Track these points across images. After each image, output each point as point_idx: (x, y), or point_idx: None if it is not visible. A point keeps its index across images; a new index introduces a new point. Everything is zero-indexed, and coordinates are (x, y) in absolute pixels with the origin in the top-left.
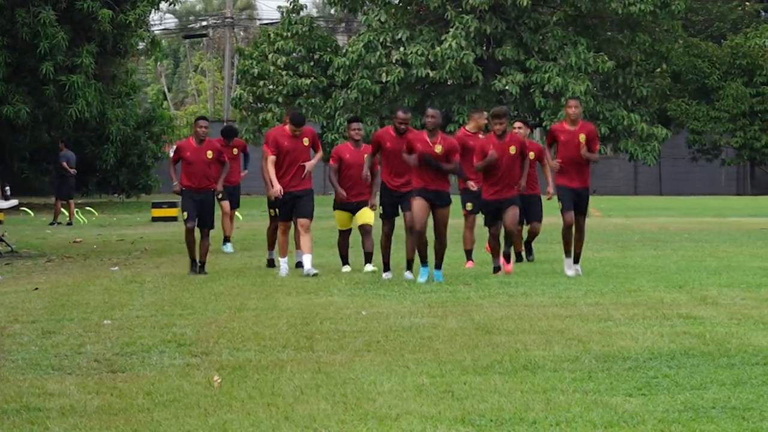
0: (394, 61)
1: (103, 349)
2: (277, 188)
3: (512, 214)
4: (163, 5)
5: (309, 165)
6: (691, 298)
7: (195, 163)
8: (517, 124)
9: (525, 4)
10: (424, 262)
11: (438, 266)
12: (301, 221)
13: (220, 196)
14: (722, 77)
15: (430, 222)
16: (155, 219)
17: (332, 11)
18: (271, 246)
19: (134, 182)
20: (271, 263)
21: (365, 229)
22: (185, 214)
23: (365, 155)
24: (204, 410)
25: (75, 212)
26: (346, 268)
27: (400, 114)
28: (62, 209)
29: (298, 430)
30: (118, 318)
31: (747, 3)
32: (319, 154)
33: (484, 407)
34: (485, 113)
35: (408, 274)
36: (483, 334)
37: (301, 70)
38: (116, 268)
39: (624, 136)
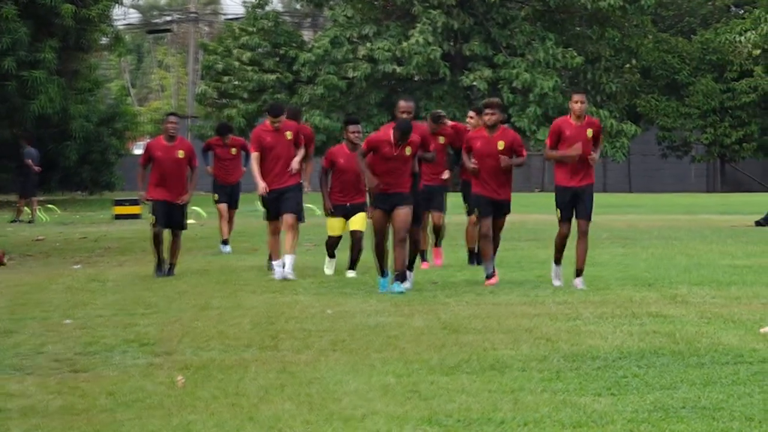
0: (360, 57)
1: (64, 348)
2: (261, 185)
3: (501, 223)
4: (127, 0)
5: (294, 163)
6: (661, 297)
7: (165, 162)
8: (471, 113)
9: None
10: (383, 272)
11: (400, 278)
12: (286, 217)
13: (216, 197)
14: (692, 73)
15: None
16: (118, 217)
17: (298, 6)
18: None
19: (97, 179)
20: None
21: (356, 236)
22: (153, 218)
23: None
24: (167, 410)
25: (37, 210)
26: (329, 269)
27: (402, 103)
28: (25, 207)
29: (262, 430)
30: (80, 317)
31: None
32: (302, 150)
33: (451, 407)
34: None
35: (404, 285)
36: (450, 333)
37: (266, 66)
38: (78, 266)
39: None
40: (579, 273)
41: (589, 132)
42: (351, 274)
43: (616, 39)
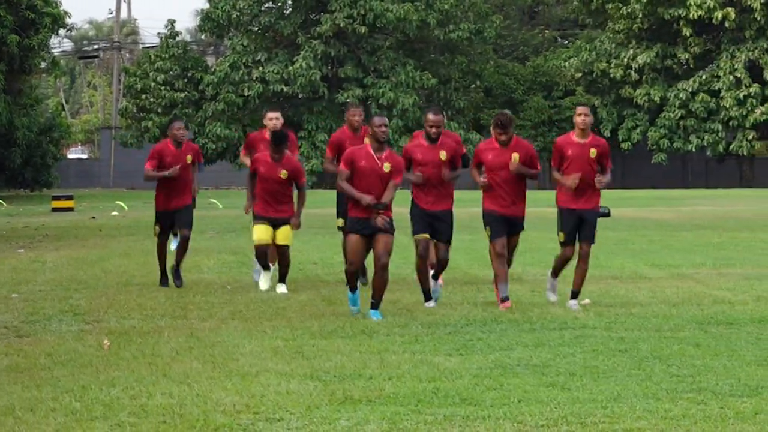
0: (254, 79)
1: (11, 318)
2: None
3: (514, 241)
4: (62, 31)
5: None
6: None
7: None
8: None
9: (363, 31)
10: (353, 288)
11: (376, 306)
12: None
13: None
14: (526, 92)
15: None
16: (55, 209)
17: (203, 37)
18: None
19: (37, 179)
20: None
21: (282, 251)
22: (156, 228)
23: (281, 170)
24: (96, 368)
25: None
26: (264, 283)
27: (430, 116)
28: None
29: (174, 385)
30: (24, 292)
31: (546, 31)
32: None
33: (329, 365)
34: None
35: (428, 304)
36: (328, 305)
37: (177, 86)
38: (22, 250)
39: None
40: (575, 295)
41: (593, 152)
42: (282, 289)
43: (463, 64)
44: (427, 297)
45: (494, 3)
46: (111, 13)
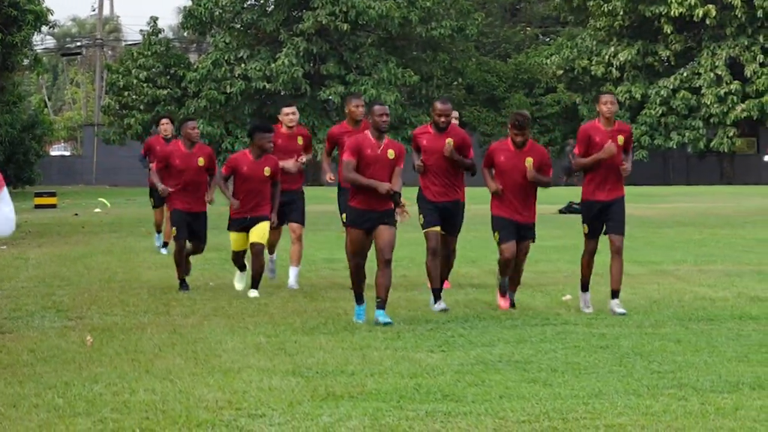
0: (236, 76)
1: None
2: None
3: (524, 247)
4: (44, 28)
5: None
6: (482, 271)
7: (186, 172)
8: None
9: (345, 28)
10: (360, 299)
11: (382, 305)
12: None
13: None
14: (507, 89)
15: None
16: (37, 206)
17: (185, 34)
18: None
19: (20, 176)
20: None
21: (255, 249)
22: (174, 229)
23: (264, 168)
24: (78, 365)
25: None
26: (240, 282)
27: (438, 105)
28: None
29: (156, 381)
30: (7, 288)
31: (528, 28)
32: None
33: (311, 361)
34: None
35: (438, 305)
36: (310, 301)
37: (159, 83)
38: (5, 247)
39: None
40: (615, 294)
41: (620, 139)
42: (253, 293)
43: (445, 61)
44: (437, 297)
45: (476, 0)
46: (93, 10)
